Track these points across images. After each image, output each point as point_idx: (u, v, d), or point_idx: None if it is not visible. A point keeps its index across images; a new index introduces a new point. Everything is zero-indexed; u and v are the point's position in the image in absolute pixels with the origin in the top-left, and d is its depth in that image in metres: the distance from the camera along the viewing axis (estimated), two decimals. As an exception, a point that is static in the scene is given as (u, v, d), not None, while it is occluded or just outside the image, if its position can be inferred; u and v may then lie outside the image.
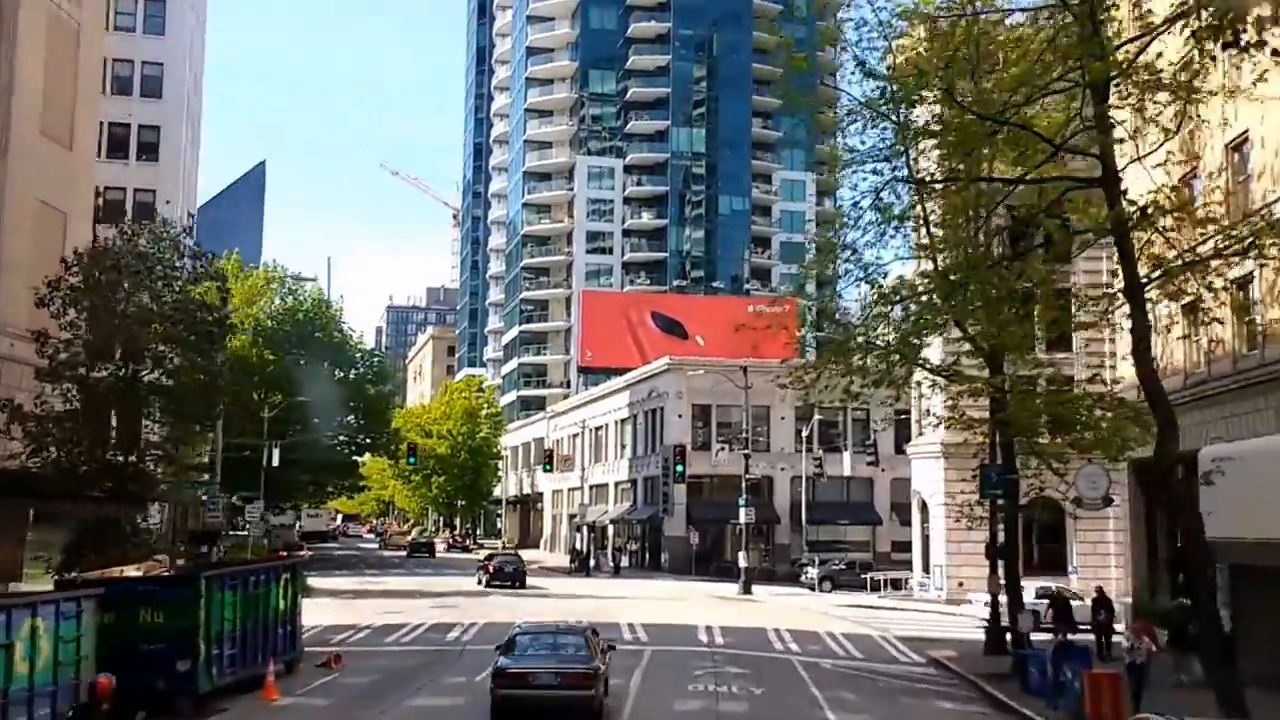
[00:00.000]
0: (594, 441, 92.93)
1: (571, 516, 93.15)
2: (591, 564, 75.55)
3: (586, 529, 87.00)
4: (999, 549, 34.44)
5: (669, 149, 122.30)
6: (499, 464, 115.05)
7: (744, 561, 58.44)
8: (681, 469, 67.17)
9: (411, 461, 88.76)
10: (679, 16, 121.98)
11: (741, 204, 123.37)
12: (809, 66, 27.61)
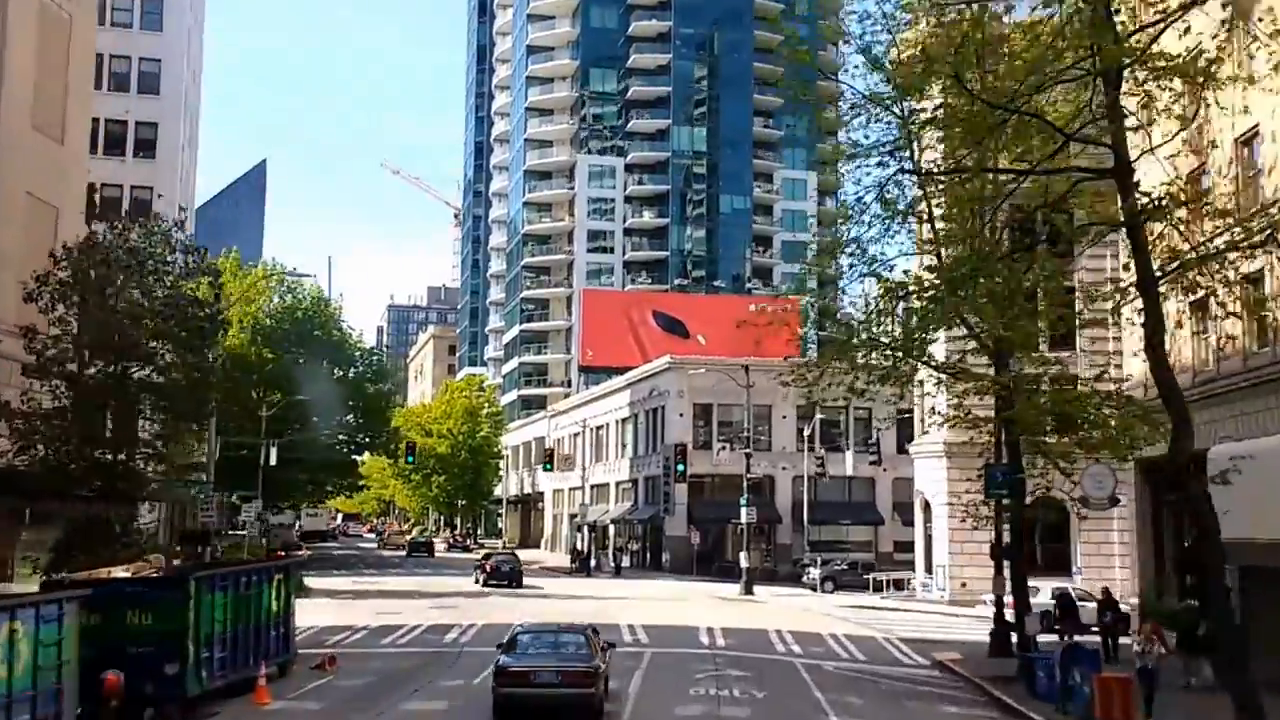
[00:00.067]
0: (595, 441, 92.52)
1: (572, 516, 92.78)
2: (592, 564, 75.25)
3: (587, 529, 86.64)
4: (1005, 549, 34.10)
5: (670, 148, 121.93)
6: (499, 463, 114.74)
7: (745, 562, 58.09)
8: (683, 468, 66.84)
9: (410, 461, 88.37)
10: (680, 15, 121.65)
11: (743, 203, 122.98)
12: (811, 61, 27.24)
